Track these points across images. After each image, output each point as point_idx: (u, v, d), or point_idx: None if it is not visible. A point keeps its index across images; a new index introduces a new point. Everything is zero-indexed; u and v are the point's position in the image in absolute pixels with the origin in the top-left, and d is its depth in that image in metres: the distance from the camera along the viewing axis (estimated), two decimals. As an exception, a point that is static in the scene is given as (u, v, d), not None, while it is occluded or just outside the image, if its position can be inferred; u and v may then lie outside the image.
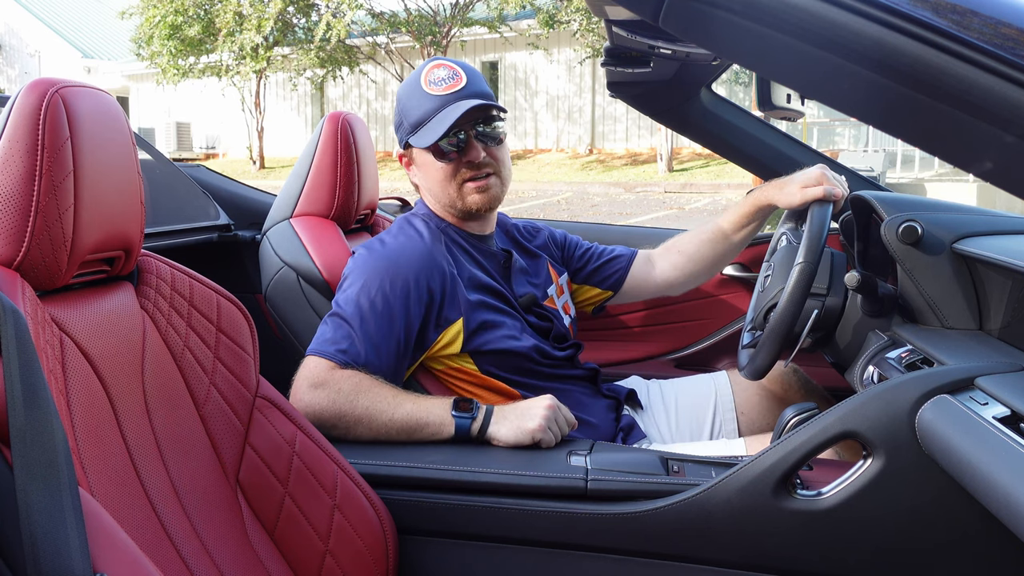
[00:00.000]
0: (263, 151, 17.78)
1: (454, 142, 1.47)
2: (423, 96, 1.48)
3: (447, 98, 1.46)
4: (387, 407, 1.30)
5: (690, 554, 1.15)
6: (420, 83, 1.48)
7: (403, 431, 1.30)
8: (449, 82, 1.47)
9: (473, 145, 1.47)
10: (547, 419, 1.29)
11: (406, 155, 1.58)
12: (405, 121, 1.52)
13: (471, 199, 1.51)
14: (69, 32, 22.33)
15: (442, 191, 1.52)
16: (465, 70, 1.49)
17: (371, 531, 1.16)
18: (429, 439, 1.31)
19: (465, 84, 1.47)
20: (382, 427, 1.30)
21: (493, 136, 1.50)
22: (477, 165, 1.48)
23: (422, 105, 1.48)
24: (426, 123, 1.47)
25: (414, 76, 1.51)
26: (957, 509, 1.03)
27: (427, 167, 1.52)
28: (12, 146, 0.90)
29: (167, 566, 0.95)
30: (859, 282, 1.29)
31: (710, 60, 1.69)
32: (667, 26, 0.93)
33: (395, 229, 1.55)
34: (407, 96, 1.52)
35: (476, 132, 1.48)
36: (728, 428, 1.71)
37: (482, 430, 1.30)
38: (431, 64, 1.50)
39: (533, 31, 14.53)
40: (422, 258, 1.45)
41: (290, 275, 1.68)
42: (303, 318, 1.67)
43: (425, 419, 1.30)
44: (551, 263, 1.71)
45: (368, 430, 1.30)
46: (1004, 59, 0.78)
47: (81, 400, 0.92)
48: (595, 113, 16.04)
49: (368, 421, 1.30)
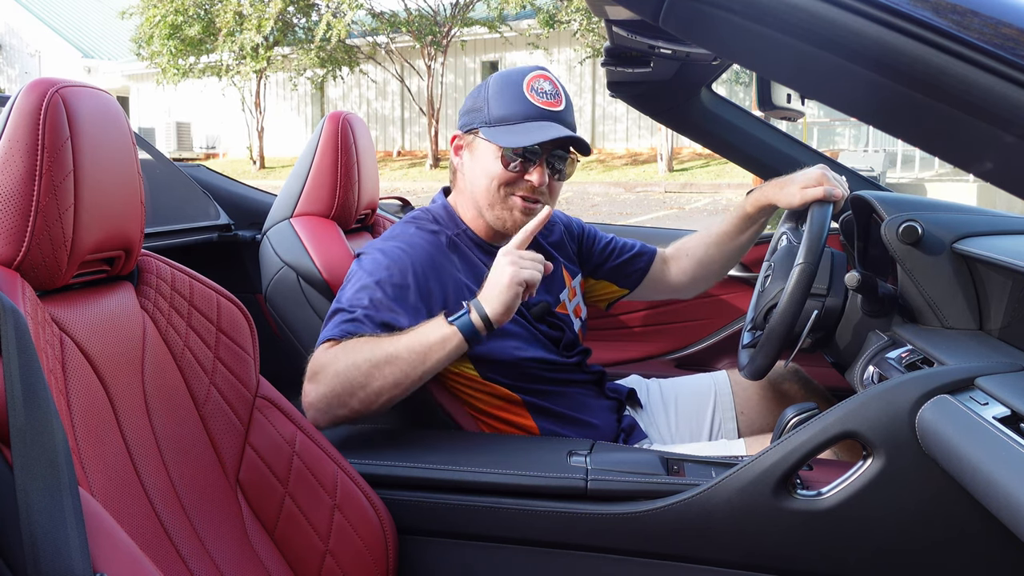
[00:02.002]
0: (263, 151, 17.78)
1: (523, 159, 1.42)
2: (521, 97, 1.43)
3: (544, 112, 1.42)
4: (387, 348, 1.26)
5: (690, 554, 1.15)
6: (522, 84, 1.44)
7: (415, 364, 1.25)
8: (551, 98, 1.44)
9: (543, 168, 1.43)
10: (512, 264, 1.26)
11: (463, 139, 1.51)
12: (487, 109, 1.46)
13: (512, 215, 1.46)
14: (69, 32, 22.33)
15: (486, 191, 1.46)
16: (566, 95, 1.47)
17: (371, 531, 1.16)
18: (446, 359, 1.27)
19: (564, 108, 1.45)
20: (393, 371, 1.25)
21: (562, 170, 1.48)
22: (534, 189, 1.45)
23: (515, 105, 1.43)
24: (512, 123, 1.42)
25: (515, 73, 1.46)
26: (957, 509, 1.03)
27: (484, 162, 1.46)
28: (12, 146, 0.90)
29: (167, 566, 0.95)
30: (859, 282, 1.29)
31: (710, 60, 1.69)
32: (667, 26, 0.93)
33: (396, 232, 1.50)
34: (501, 88, 1.46)
35: (550, 157, 1.44)
36: (728, 428, 1.70)
37: (485, 321, 1.26)
38: (537, 72, 1.46)
39: (533, 31, 14.54)
40: (424, 260, 1.41)
41: (290, 275, 1.68)
42: (303, 318, 1.67)
43: (427, 340, 1.26)
44: (565, 266, 1.66)
45: (384, 382, 1.25)
46: (1004, 59, 0.78)
47: (81, 400, 0.92)
48: (595, 113, 16.03)
49: (377, 374, 1.25)
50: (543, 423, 1.49)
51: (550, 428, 1.49)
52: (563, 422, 1.50)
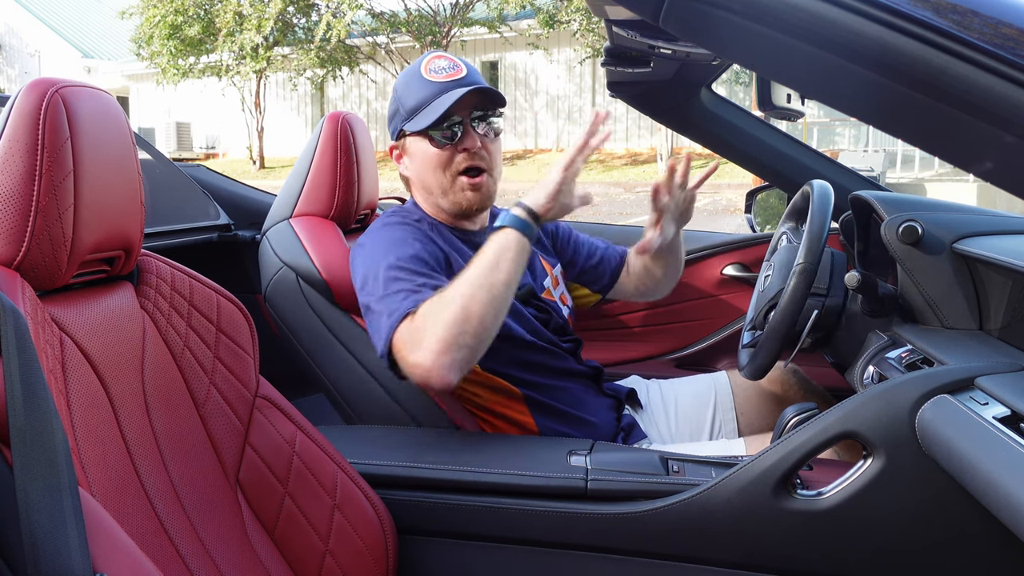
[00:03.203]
0: (263, 151, 17.77)
1: (449, 133, 1.46)
2: (422, 83, 1.47)
3: (447, 84, 1.45)
4: (462, 282, 1.25)
5: (690, 554, 1.15)
6: (419, 71, 1.48)
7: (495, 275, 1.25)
8: (450, 71, 1.47)
9: (470, 133, 1.46)
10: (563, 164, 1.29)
11: (398, 147, 1.56)
12: (401, 108, 1.51)
13: (464, 195, 1.49)
14: (69, 32, 22.33)
15: (434, 181, 1.49)
16: (465, 64, 1.50)
17: (371, 531, 1.17)
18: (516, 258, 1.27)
19: (466, 74, 1.47)
20: (482, 293, 1.24)
21: (490, 127, 1.49)
22: (472, 155, 1.47)
23: (421, 91, 1.47)
24: (424, 108, 1.46)
25: (413, 66, 1.51)
26: (957, 509, 1.03)
27: (420, 155, 1.50)
28: (12, 146, 0.90)
29: (167, 566, 0.95)
30: (859, 282, 1.29)
31: (710, 60, 1.69)
32: (667, 26, 0.93)
33: (377, 225, 1.52)
34: (404, 84, 1.50)
35: (473, 120, 1.47)
36: (728, 428, 1.70)
37: (529, 213, 1.29)
38: (431, 55, 1.50)
39: (533, 31, 14.54)
40: (413, 233, 1.44)
41: (290, 275, 1.68)
42: (303, 318, 1.67)
43: (489, 253, 1.27)
44: (543, 256, 1.67)
45: (482, 306, 1.23)
46: (1004, 59, 0.78)
47: (81, 400, 0.92)
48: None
49: (472, 304, 1.23)
50: (542, 420, 1.49)
51: (549, 426, 1.49)
52: (562, 419, 1.51)
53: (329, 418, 1.82)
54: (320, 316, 1.63)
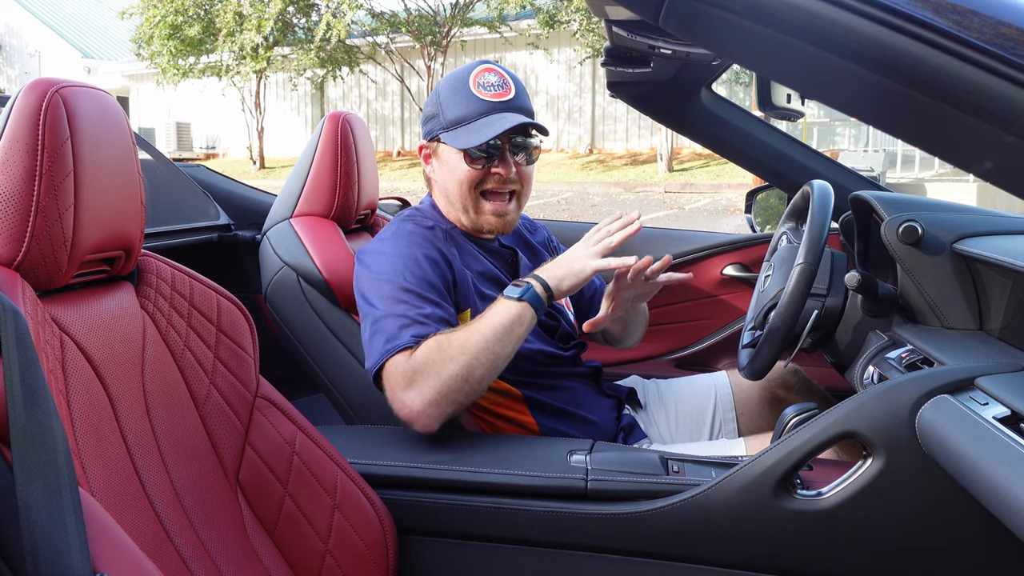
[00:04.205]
0: (263, 151, 17.77)
1: (485, 154, 1.44)
2: (469, 96, 1.44)
3: (494, 105, 1.43)
4: (474, 338, 1.27)
5: (690, 554, 1.15)
6: (468, 82, 1.45)
7: (503, 343, 1.28)
8: (498, 89, 1.45)
9: (507, 158, 1.45)
10: (596, 254, 1.32)
11: (429, 148, 1.54)
12: (442, 115, 1.48)
13: (486, 220, 1.49)
14: (69, 32, 22.32)
15: (459, 195, 1.49)
16: (514, 82, 1.47)
17: (371, 531, 1.17)
18: (525, 332, 1.31)
19: (514, 96, 1.46)
20: (488, 357, 1.27)
21: (528, 154, 1.48)
22: (504, 180, 1.46)
23: (466, 105, 1.44)
24: (466, 124, 1.44)
25: (461, 73, 1.48)
26: (957, 509, 1.03)
27: (451, 167, 1.49)
28: (12, 146, 0.90)
29: (167, 566, 0.95)
30: (859, 282, 1.29)
31: (710, 60, 1.69)
32: (667, 26, 0.93)
33: (391, 232, 1.51)
34: (450, 91, 1.47)
35: (512, 146, 1.45)
36: (728, 428, 1.70)
37: (547, 291, 1.32)
38: (482, 66, 1.47)
39: (533, 31, 14.53)
40: (428, 249, 1.43)
41: (290, 275, 1.68)
42: (303, 318, 1.67)
43: (505, 321, 1.29)
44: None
45: (484, 369, 1.27)
46: (1004, 59, 0.78)
47: (81, 400, 0.92)
48: (595, 113, 16.03)
49: (476, 364, 1.26)
50: (543, 419, 1.49)
51: (550, 425, 1.49)
52: (563, 418, 1.51)
53: (329, 418, 1.82)
54: (321, 316, 1.63)
